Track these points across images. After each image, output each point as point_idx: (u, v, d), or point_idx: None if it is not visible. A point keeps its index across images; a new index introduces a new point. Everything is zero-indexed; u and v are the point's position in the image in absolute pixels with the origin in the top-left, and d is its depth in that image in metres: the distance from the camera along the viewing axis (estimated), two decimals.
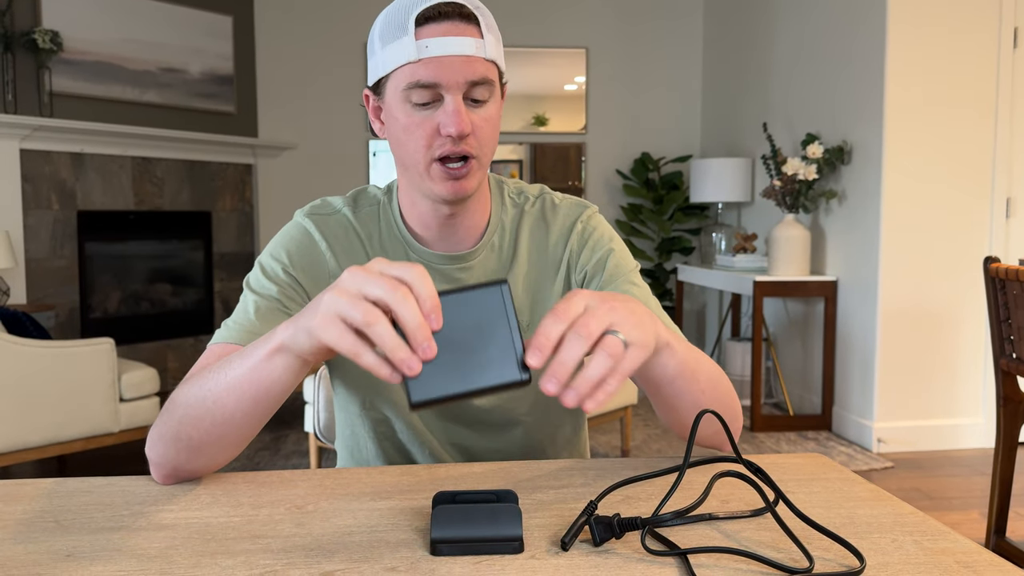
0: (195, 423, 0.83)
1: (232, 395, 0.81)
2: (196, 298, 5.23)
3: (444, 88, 0.93)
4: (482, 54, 0.93)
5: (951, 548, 0.73)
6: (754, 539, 0.74)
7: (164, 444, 0.86)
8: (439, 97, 0.93)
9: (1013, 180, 3.67)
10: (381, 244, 1.06)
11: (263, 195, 5.52)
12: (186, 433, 0.84)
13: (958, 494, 3.12)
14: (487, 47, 0.94)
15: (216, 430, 0.83)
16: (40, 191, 4.34)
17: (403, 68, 0.93)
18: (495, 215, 1.08)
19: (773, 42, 4.70)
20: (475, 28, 0.93)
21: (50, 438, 2.98)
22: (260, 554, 0.70)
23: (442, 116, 0.93)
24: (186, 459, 0.86)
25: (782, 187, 4.01)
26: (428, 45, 0.91)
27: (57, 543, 0.73)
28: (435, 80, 0.92)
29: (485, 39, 0.94)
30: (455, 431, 1.08)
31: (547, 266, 1.09)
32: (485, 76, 0.94)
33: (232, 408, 0.82)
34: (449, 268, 1.05)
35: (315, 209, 1.08)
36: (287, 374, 0.79)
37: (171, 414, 0.85)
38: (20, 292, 4.24)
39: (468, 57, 0.92)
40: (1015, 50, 3.63)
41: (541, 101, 5.70)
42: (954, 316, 3.70)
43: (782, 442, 3.84)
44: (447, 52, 0.91)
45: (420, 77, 0.92)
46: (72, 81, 4.46)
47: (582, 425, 1.18)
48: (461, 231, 1.05)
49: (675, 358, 0.84)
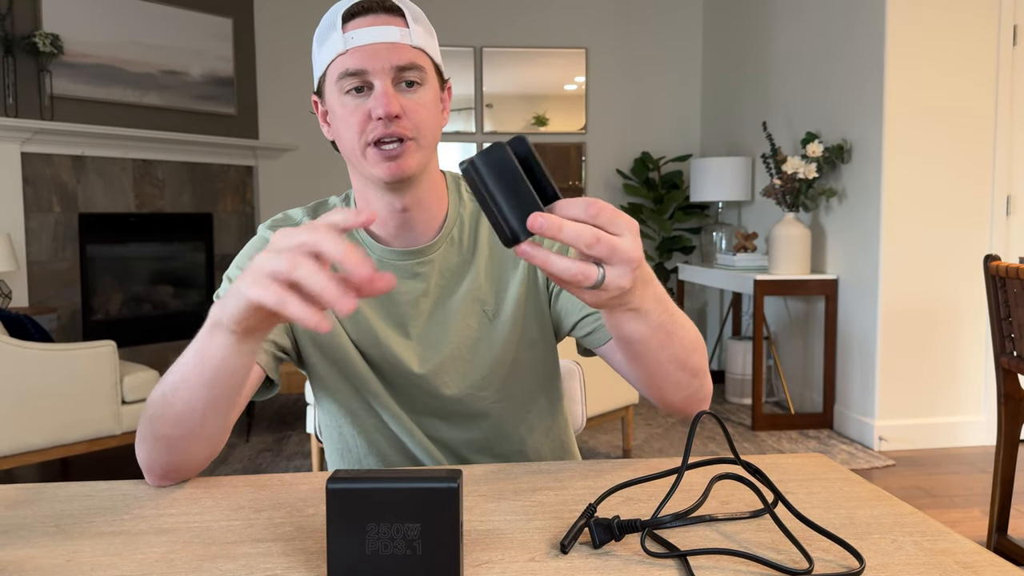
0: (162, 420, 0.85)
1: (186, 385, 0.83)
2: (198, 300, 5.23)
3: (371, 74, 0.96)
4: (407, 41, 0.98)
5: (951, 548, 0.73)
6: (753, 540, 0.75)
7: (144, 446, 0.88)
8: (370, 84, 0.97)
9: (1013, 177, 3.67)
10: None
11: (264, 197, 5.52)
12: (158, 431, 0.86)
13: (959, 492, 3.12)
14: (413, 35, 0.98)
15: (182, 424, 0.85)
16: (41, 194, 4.34)
17: (334, 62, 0.98)
18: (452, 209, 1.09)
19: (773, 41, 4.70)
20: (400, 19, 0.99)
21: (52, 441, 2.99)
22: (261, 558, 0.71)
23: (372, 100, 0.96)
24: (166, 458, 0.88)
25: (782, 186, 4.01)
26: (354, 36, 0.97)
27: (58, 547, 0.73)
28: (361, 67, 0.96)
29: (411, 28, 0.98)
30: (430, 424, 1.09)
31: (507, 256, 1.10)
32: (412, 61, 0.98)
33: (188, 398, 0.83)
34: (408, 263, 1.06)
35: (277, 222, 1.11)
36: (228, 352, 0.79)
37: (145, 415, 0.88)
38: (22, 295, 4.25)
39: (393, 44, 0.97)
40: (1015, 48, 3.63)
41: (541, 101, 5.70)
42: (955, 314, 3.70)
43: (783, 440, 3.84)
44: (372, 40, 0.96)
45: (348, 66, 0.96)
46: (73, 84, 4.47)
47: (558, 412, 1.18)
48: (418, 226, 1.06)
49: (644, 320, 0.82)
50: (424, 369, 1.06)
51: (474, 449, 1.10)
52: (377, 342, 1.06)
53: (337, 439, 1.13)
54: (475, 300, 1.08)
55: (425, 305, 1.07)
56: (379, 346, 1.06)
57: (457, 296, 1.07)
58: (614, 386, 3.34)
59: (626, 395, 3.43)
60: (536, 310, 1.10)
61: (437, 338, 1.07)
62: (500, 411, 1.10)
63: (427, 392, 1.07)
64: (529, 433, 1.13)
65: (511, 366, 1.09)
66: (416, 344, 1.06)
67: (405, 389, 1.07)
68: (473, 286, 1.08)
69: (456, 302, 1.07)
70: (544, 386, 1.14)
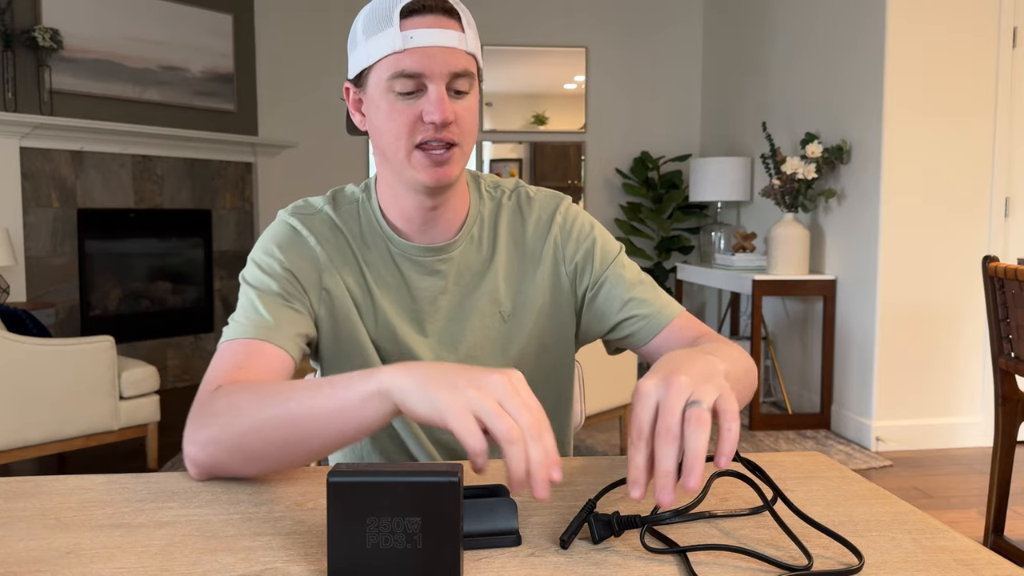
0: (265, 440, 0.82)
1: (314, 424, 0.80)
2: (196, 296, 5.23)
3: (428, 78, 0.95)
4: (464, 47, 0.96)
5: (950, 546, 0.73)
6: (753, 537, 0.75)
7: (219, 450, 0.84)
8: (422, 87, 0.95)
9: (1012, 179, 3.67)
10: (363, 239, 1.07)
11: (263, 193, 5.52)
12: (252, 447, 0.83)
13: (957, 493, 3.13)
14: (468, 41, 0.97)
15: (289, 450, 0.82)
16: (40, 189, 4.34)
17: (387, 58, 0.95)
18: (473, 208, 1.09)
19: (772, 41, 4.70)
20: (457, 23, 0.97)
21: (50, 436, 2.98)
22: (260, 551, 0.71)
23: (426, 104, 0.95)
24: (242, 466, 0.85)
25: (781, 186, 4.01)
26: (413, 36, 0.94)
27: (58, 540, 0.73)
28: (419, 70, 0.94)
29: (466, 33, 0.97)
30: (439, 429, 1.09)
31: (525, 257, 1.10)
32: (467, 68, 0.97)
33: (311, 436, 0.80)
34: (429, 260, 1.06)
35: (298, 208, 1.09)
36: (382, 418, 0.77)
37: (234, 423, 0.83)
38: (20, 290, 4.24)
39: (451, 49, 0.95)
40: (1014, 49, 3.63)
41: (541, 100, 5.70)
42: (953, 315, 3.70)
43: (781, 441, 3.84)
44: (432, 43, 0.94)
45: (405, 67, 0.94)
46: (72, 79, 4.46)
47: (566, 415, 1.18)
48: (441, 223, 1.06)
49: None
50: None
51: None
52: (394, 337, 1.05)
53: None
54: (492, 301, 1.08)
55: (443, 303, 1.07)
56: (395, 342, 1.06)
57: (475, 296, 1.07)
58: (613, 384, 3.34)
59: (624, 394, 3.43)
60: (557, 314, 1.10)
61: (453, 337, 1.07)
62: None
63: None
64: None
65: (524, 370, 1.09)
66: (432, 342, 1.06)
67: None
68: (491, 287, 1.08)
69: (473, 301, 1.07)
70: (554, 390, 1.14)
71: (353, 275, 1.06)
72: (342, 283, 1.05)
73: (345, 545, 0.63)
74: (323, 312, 1.05)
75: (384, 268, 1.07)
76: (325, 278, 1.05)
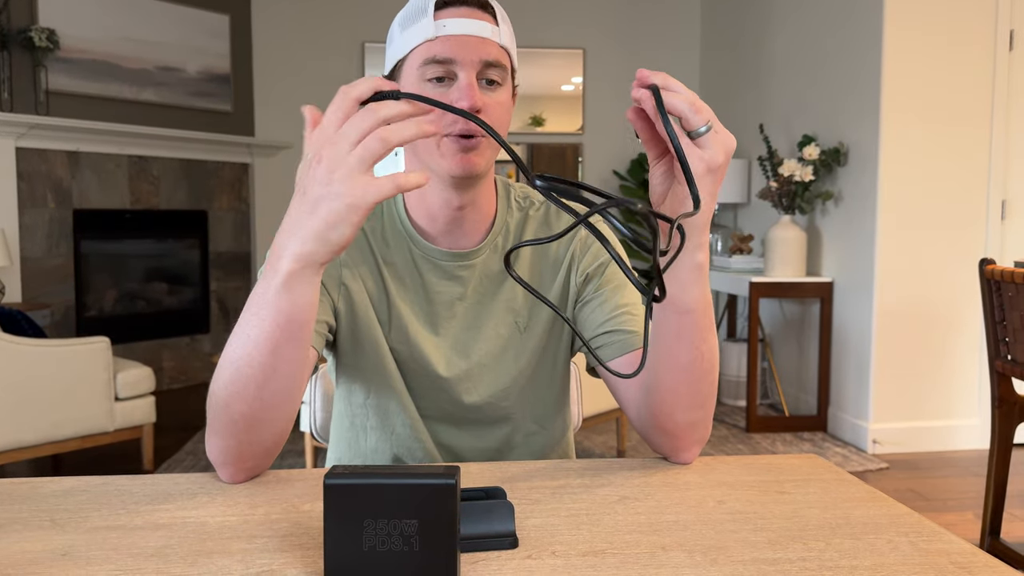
0: (240, 396, 0.81)
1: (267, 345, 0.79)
2: (192, 297, 5.22)
3: (458, 65, 0.95)
4: (497, 39, 0.97)
5: (946, 549, 0.73)
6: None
7: (220, 437, 0.85)
8: (453, 75, 0.96)
9: (1008, 182, 3.68)
10: (384, 238, 1.07)
11: (260, 194, 5.51)
12: (237, 412, 0.82)
13: (953, 495, 3.13)
14: (502, 35, 0.98)
15: (266, 388, 0.82)
16: (36, 189, 4.33)
17: (420, 47, 0.96)
18: (500, 216, 1.09)
19: (770, 43, 4.71)
20: (490, 16, 0.98)
21: (45, 437, 2.98)
22: (257, 553, 0.70)
23: (456, 91, 0.95)
24: (247, 439, 0.84)
25: (778, 188, 4.02)
26: (446, 24, 0.95)
27: (53, 542, 0.73)
28: (450, 56, 0.95)
29: (500, 28, 0.98)
30: (444, 431, 1.09)
31: (547, 267, 1.10)
32: (499, 59, 0.97)
33: (269, 358, 0.80)
34: (450, 264, 1.06)
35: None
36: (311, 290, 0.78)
37: (215, 404, 0.83)
38: (15, 290, 4.23)
39: (483, 39, 0.96)
40: (1011, 52, 3.64)
41: (538, 101, 5.70)
42: (949, 318, 3.71)
43: (777, 443, 3.85)
44: (463, 31, 0.95)
45: (436, 53, 0.95)
46: (68, 79, 4.45)
47: (566, 424, 1.19)
48: (467, 226, 1.05)
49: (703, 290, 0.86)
50: (450, 373, 1.06)
51: (483, 458, 1.10)
52: (408, 338, 1.05)
53: (348, 428, 1.13)
54: (509, 310, 1.08)
55: (460, 308, 1.07)
56: (409, 343, 1.05)
57: (492, 304, 1.07)
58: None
59: None
60: (562, 325, 1.10)
61: (467, 343, 1.07)
62: (515, 422, 1.10)
63: (448, 397, 1.06)
64: (540, 445, 1.13)
65: (532, 379, 1.09)
66: (445, 346, 1.06)
67: (426, 392, 1.07)
68: (509, 296, 1.08)
69: (490, 310, 1.07)
70: (558, 399, 1.15)
71: (371, 274, 1.06)
72: (360, 281, 1.05)
73: (342, 547, 0.63)
74: (343, 307, 1.05)
75: (403, 269, 1.07)
76: (345, 274, 1.05)
